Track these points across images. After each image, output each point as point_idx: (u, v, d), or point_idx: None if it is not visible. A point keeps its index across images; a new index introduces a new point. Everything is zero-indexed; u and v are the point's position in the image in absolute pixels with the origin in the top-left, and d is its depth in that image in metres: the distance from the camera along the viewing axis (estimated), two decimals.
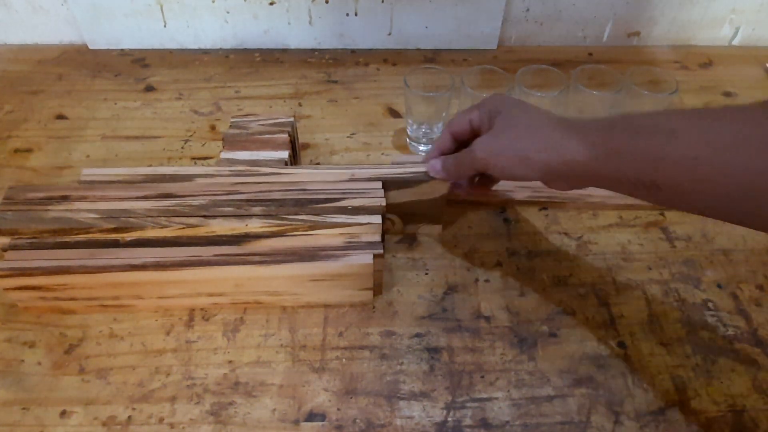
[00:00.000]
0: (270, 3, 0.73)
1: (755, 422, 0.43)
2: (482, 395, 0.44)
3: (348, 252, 0.45)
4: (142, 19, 0.74)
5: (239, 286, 0.46)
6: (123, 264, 0.44)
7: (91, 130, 0.66)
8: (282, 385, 0.44)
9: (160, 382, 0.45)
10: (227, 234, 0.46)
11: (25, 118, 0.67)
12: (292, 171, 0.50)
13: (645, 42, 0.80)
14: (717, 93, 0.73)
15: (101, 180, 0.50)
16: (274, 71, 0.75)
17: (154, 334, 0.47)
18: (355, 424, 0.42)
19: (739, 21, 0.78)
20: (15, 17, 0.75)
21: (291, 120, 0.55)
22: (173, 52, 0.77)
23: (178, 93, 0.71)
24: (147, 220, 0.46)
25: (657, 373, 0.45)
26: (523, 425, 0.42)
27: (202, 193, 0.48)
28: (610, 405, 0.44)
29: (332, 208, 0.47)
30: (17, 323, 0.48)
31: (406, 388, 0.44)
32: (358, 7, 0.74)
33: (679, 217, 0.57)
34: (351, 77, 0.74)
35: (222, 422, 0.42)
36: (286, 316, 0.49)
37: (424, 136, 0.62)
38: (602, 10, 0.76)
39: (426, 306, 0.50)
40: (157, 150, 0.63)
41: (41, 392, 0.44)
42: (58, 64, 0.75)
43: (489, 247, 0.54)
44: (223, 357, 0.46)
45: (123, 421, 0.42)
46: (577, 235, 0.55)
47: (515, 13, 0.76)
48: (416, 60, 0.77)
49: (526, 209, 0.58)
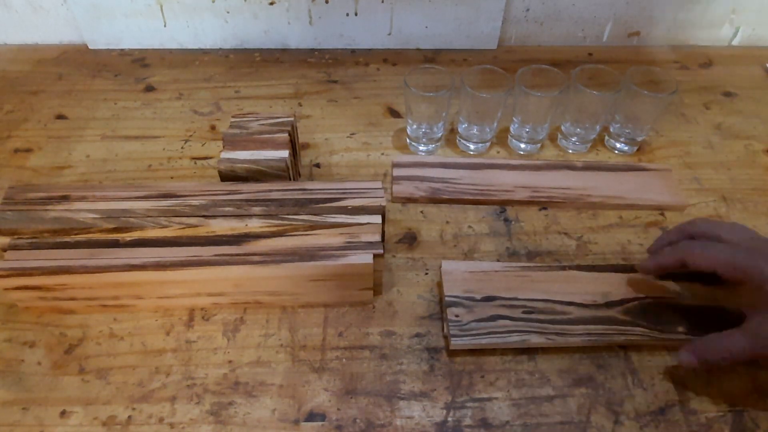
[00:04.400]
0: (270, 3, 0.73)
1: (755, 422, 0.43)
2: (482, 395, 0.44)
3: (348, 252, 0.45)
4: (142, 19, 0.74)
5: (239, 286, 0.46)
6: (123, 264, 0.44)
7: (91, 130, 0.66)
8: (282, 385, 0.44)
9: (160, 382, 0.45)
10: (227, 234, 0.46)
11: (25, 118, 0.67)
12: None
13: (645, 42, 0.80)
14: (717, 93, 0.73)
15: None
16: (274, 71, 0.75)
17: (154, 334, 0.47)
18: (355, 424, 0.42)
19: (739, 21, 0.78)
20: (15, 17, 0.75)
21: (291, 119, 0.55)
22: (173, 52, 0.77)
23: (178, 93, 0.71)
24: (147, 220, 0.46)
25: (657, 373, 0.45)
26: (523, 425, 0.42)
27: (202, 193, 0.48)
28: (610, 405, 0.44)
29: (332, 208, 0.47)
30: (17, 323, 0.48)
31: (406, 388, 0.44)
32: (358, 7, 0.74)
33: (678, 217, 0.57)
34: (351, 77, 0.74)
35: (222, 422, 0.42)
36: (286, 316, 0.49)
37: (424, 136, 0.62)
38: (602, 10, 0.76)
39: (426, 306, 0.50)
40: (157, 150, 0.63)
41: (41, 392, 0.44)
42: (58, 64, 0.75)
43: (489, 247, 0.54)
44: (223, 357, 0.46)
45: (123, 421, 0.42)
46: (577, 235, 0.55)
47: (515, 13, 0.76)
48: (416, 60, 0.77)
49: (526, 209, 0.58)
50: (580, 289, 0.49)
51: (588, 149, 0.64)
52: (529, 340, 0.45)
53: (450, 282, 0.49)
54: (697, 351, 0.41)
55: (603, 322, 0.46)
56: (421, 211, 0.57)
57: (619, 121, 0.62)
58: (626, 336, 0.45)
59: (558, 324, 0.46)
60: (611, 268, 0.50)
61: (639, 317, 0.46)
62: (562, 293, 0.48)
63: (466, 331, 0.45)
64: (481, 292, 0.48)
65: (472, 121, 0.61)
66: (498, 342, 0.45)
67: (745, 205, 0.59)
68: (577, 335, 0.45)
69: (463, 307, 0.47)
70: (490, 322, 0.46)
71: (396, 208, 0.58)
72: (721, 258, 0.39)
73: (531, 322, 0.46)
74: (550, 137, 0.65)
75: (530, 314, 0.47)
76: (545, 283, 0.49)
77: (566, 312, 0.47)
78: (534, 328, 0.46)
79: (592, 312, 0.47)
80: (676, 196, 0.58)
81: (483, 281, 0.49)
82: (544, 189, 0.58)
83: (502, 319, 0.46)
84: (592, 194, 0.58)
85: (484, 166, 0.61)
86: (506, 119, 0.63)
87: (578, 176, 0.60)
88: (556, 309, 0.47)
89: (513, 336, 0.45)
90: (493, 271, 0.50)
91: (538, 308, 0.47)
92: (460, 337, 0.45)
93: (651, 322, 0.46)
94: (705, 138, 0.66)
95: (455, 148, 0.64)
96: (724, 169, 0.63)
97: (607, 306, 0.47)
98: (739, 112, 0.70)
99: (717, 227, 0.42)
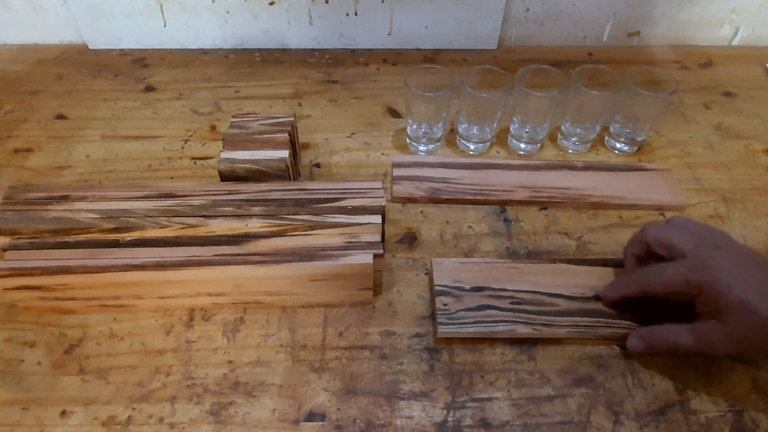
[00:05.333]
0: (270, 3, 0.73)
1: (755, 422, 0.43)
2: (482, 395, 0.44)
3: (348, 252, 0.45)
4: (142, 19, 0.74)
5: (239, 286, 0.46)
6: (123, 264, 0.44)
7: (91, 130, 0.66)
8: (282, 385, 0.44)
9: (160, 382, 0.45)
10: (227, 234, 0.46)
11: (25, 118, 0.67)
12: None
13: (645, 42, 0.80)
14: (717, 93, 0.73)
15: None
16: (274, 71, 0.75)
17: (154, 334, 0.47)
18: (355, 424, 0.42)
19: (739, 21, 0.78)
20: (15, 17, 0.75)
21: (291, 119, 0.55)
22: (173, 52, 0.77)
23: (178, 93, 0.71)
24: (147, 220, 0.46)
25: (657, 373, 0.45)
26: (523, 425, 0.42)
27: (202, 193, 0.48)
28: (610, 405, 0.44)
29: (332, 208, 0.47)
30: (17, 323, 0.48)
31: (406, 388, 0.44)
32: (358, 7, 0.74)
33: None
34: (351, 77, 0.74)
35: (222, 422, 0.42)
36: (286, 316, 0.49)
37: (424, 135, 0.62)
38: (602, 10, 0.76)
39: (426, 306, 0.50)
40: (157, 150, 0.63)
41: (41, 392, 0.44)
42: (58, 64, 0.75)
43: (489, 247, 0.54)
44: (223, 357, 0.46)
45: (123, 421, 0.42)
46: (577, 235, 0.55)
47: (515, 13, 0.76)
48: (416, 60, 0.77)
49: (526, 209, 0.58)
50: (568, 281, 0.49)
51: (588, 149, 0.64)
52: (515, 330, 0.46)
53: (440, 272, 0.49)
54: (646, 338, 0.44)
55: (590, 314, 0.47)
56: (421, 211, 0.57)
57: (619, 121, 0.62)
58: (612, 329, 0.46)
59: (545, 315, 0.47)
60: (600, 263, 0.51)
61: (625, 310, 0.47)
62: (550, 285, 0.49)
63: (454, 320, 0.46)
64: (471, 283, 0.49)
65: (472, 121, 0.61)
66: (485, 331, 0.46)
67: (745, 205, 0.59)
68: (564, 327, 0.46)
69: (451, 296, 0.48)
70: (478, 312, 0.47)
71: (396, 208, 0.58)
72: (676, 280, 0.41)
73: (518, 312, 0.47)
74: (550, 137, 0.65)
75: (518, 305, 0.47)
76: (535, 275, 0.49)
77: (554, 304, 0.47)
78: (521, 319, 0.46)
79: (580, 304, 0.47)
80: (676, 196, 0.58)
81: (473, 272, 0.50)
82: (544, 189, 0.58)
83: (489, 309, 0.47)
84: (592, 194, 0.58)
85: (484, 166, 0.61)
86: (506, 119, 0.63)
87: (578, 176, 0.60)
88: (544, 300, 0.48)
89: (500, 326, 0.46)
90: (484, 263, 0.51)
91: (525, 299, 0.48)
92: (447, 325, 0.46)
93: (637, 315, 0.46)
94: (705, 138, 0.66)
95: (455, 148, 0.64)
96: (724, 169, 0.63)
97: (594, 299, 0.48)
98: (739, 112, 0.70)
99: (666, 232, 0.44)
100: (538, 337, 0.46)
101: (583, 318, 0.47)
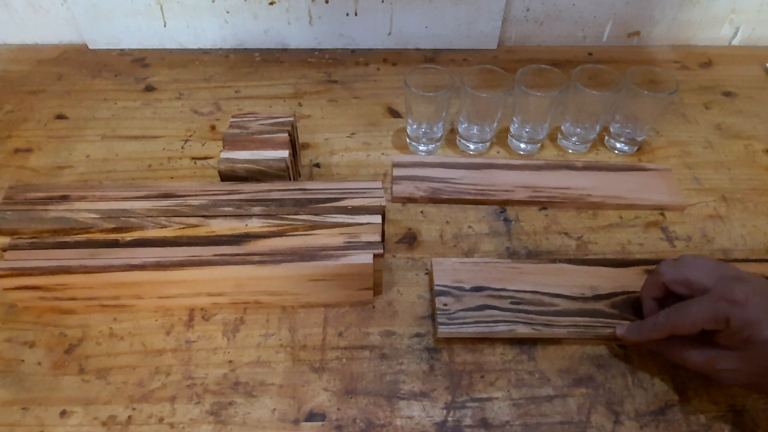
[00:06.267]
0: (270, 3, 0.73)
1: (755, 422, 0.43)
2: (482, 395, 0.44)
3: (348, 252, 0.45)
4: (142, 19, 0.74)
5: (239, 286, 0.46)
6: (123, 264, 0.44)
7: (91, 130, 0.66)
8: (282, 385, 0.44)
9: (160, 382, 0.45)
10: (227, 234, 0.46)
11: (25, 118, 0.67)
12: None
13: (645, 42, 0.80)
14: (717, 93, 0.73)
15: None
16: (274, 71, 0.75)
17: (154, 334, 0.47)
18: (355, 424, 0.42)
19: (739, 21, 0.78)
20: (15, 17, 0.75)
21: (291, 119, 0.55)
22: (173, 52, 0.77)
23: (178, 93, 0.71)
24: (147, 220, 0.46)
25: (657, 373, 0.45)
26: (523, 425, 0.42)
27: (202, 193, 0.48)
28: (610, 405, 0.44)
29: (332, 208, 0.47)
30: (17, 323, 0.48)
31: (406, 388, 0.44)
32: (358, 7, 0.74)
33: (678, 217, 0.57)
34: (351, 77, 0.74)
35: (222, 422, 0.42)
36: (286, 316, 0.49)
37: (424, 135, 0.62)
38: (602, 10, 0.76)
39: (426, 306, 0.50)
40: (157, 150, 0.63)
41: (41, 392, 0.44)
42: (58, 64, 0.75)
43: (489, 247, 0.54)
44: (223, 357, 0.46)
45: (123, 421, 0.42)
46: (577, 235, 0.55)
47: (515, 13, 0.76)
48: (416, 60, 0.77)
49: (526, 209, 0.58)
50: (569, 281, 0.49)
51: (588, 149, 0.64)
52: (515, 330, 0.46)
53: (440, 272, 0.49)
54: (661, 347, 0.43)
55: (590, 314, 0.47)
56: (421, 211, 0.57)
57: (619, 121, 0.62)
58: (612, 329, 0.46)
59: (545, 315, 0.47)
60: (600, 262, 0.51)
61: (626, 311, 0.47)
62: (550, 285, 0.49)
63: (454, 320, 0.46)
64: (471, 283, 0.49)
65: (472, 121, 0.61)
66: (485, 331, 0.46)
67: (745, 205, 0.59)
68: (564, 327, 0.46)
69: (451, 296, 0.48)
70: (478, 312, 0.47)
71: (396, 208, 0.58)
72: (704, 316, 0.40)
73: (518, 312, 0.47)
74: (550, 137, 0.65)
75: (518, 305, 0.47)
76: (535, 275, 0.49)
77: (554, 304, 0.47)
78: (521, 319, 0.46)
79: (580, 304, 0.47)
80: (676, 196, 0.58)
81: (473, 272, 0.50)
82: (544, 189, 0.58)
83: (489, 309, 0.47)
84: (592, 194, 0.58)
85: (484, 166, 0.61)
86: (506, 119, 0.63)
87: (578, 176, 0.60)
88: (544, 300, 0.48)
89: (500, 326, 0.46)
90: (484, 263, 0.50)
91: (526, 299, 0.48)
92: (447, 325, 0.46)
93: (638, 316, 0.46)
94: (705, 138, 0.66)
95: (455, 148, 0.64)
96: (724, 169, 0.63)
97: (594, 299, 0.48)
98: (739, 112, 0.70)
99: (682, 270, 0.43)
100: (538, 337, 0.46)
101: (583, 318, 0.47)
